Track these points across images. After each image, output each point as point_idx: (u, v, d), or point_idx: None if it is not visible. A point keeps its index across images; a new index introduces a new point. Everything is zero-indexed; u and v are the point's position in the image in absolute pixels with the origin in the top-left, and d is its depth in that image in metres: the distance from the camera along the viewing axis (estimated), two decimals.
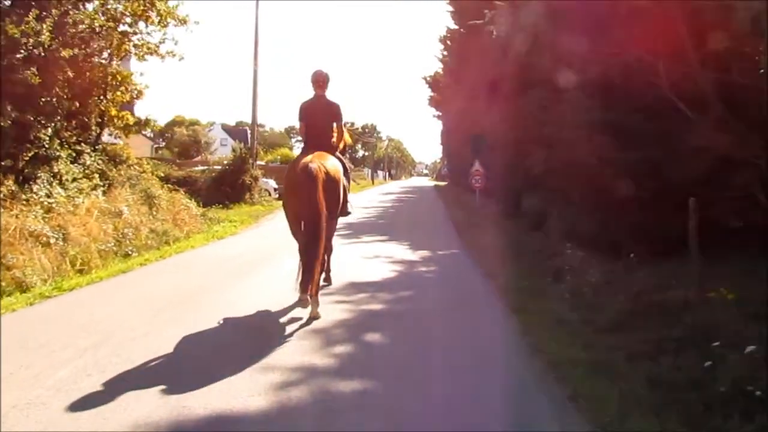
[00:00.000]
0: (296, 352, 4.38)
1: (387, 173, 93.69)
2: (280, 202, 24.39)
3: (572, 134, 9.39)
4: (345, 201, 6.07)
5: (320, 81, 6.17)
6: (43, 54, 8.05)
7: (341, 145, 6.54)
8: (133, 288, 6.73)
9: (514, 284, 7.23)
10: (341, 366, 4.10)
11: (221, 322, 5.17)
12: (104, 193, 10.82)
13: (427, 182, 77.63)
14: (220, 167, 20.86)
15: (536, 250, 10.35)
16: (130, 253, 9.58)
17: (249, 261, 8.63)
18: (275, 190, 25.70)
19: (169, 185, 14.13)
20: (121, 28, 12.20)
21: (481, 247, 10.57)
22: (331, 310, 5.68)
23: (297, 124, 6.64)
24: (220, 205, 18.25)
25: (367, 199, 26.81)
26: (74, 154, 10.29)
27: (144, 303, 5.85)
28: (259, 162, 29.52)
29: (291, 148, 73.37)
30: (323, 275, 6.20)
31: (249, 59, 21.13)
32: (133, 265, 8.28)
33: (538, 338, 4.89)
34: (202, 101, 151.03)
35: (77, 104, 9.93)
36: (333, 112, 6.24)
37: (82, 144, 10.78)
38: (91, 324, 5.02)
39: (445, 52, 31.12)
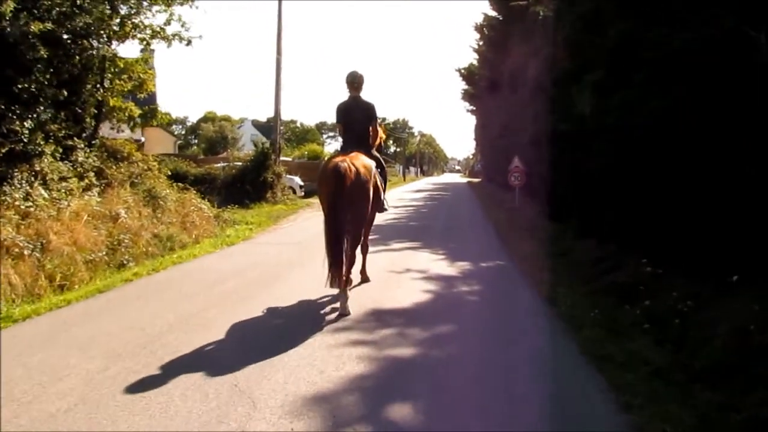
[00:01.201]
0: None
1: (419, 169, 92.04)
2: (305, 201, 23.02)
3: (646, 122, 7.73)
4: (379, 198, 6.23)
5: (355, 82, 6.33)
6: (7, 29, 6.74)
7: (377, 143, 6.76)
8: (97, 318, 5.33)
9: (581, 313, 5.66)
10: None
11: (185, 384, 3.72)
12: (100, 193, 9.56)
13: (460, 179, 75.61)
14: (241, 164, 19.55)
15: (593, 261, 8.72)
16: (125, 263, 8.31)
17: (250, 279, 7.17)
18: (301, 187, 24.37)
19: (180, 184, 12.85)
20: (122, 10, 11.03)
21: (529, 257, 8.98)
22: (345, 358, 4.19)
23: (328, 119, 7.40)
24: (239, 205, 16.96)
25: (397, 197, 25.22)
26: (62, 150, 9.01)
27: (98, 346, 4.43)
28: (284, 158, 28.29)
29: (322, 144, 72.57)
30: (360, 275, 6.65)
31: (293, 53, 19.76)
32: (115, 282, 6.93)
33: (642, 415, 3.33)
34: (234, 98, 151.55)
35: (65, 92, 8.63)
36: (368, 112, 6.40)
37: (75, 139, 9.50)
38: (8, 384, 3.62)
39: (481, 42, 29.35)
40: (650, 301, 6.15)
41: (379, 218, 7.18)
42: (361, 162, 5.72)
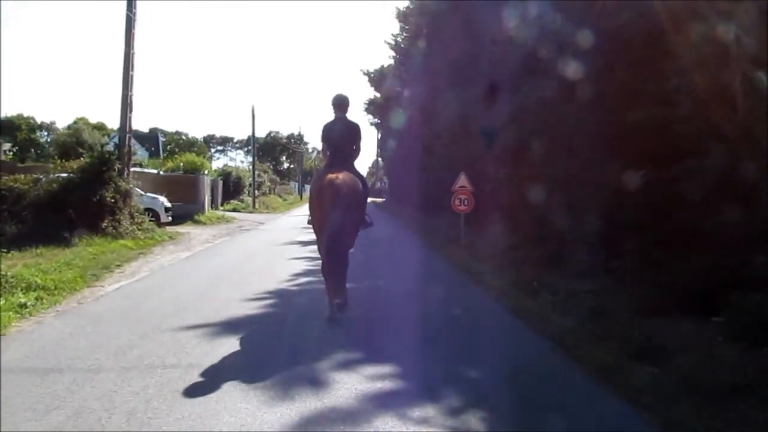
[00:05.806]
0: None
1: None
2: (169, 232, 15.80)
3: None
4: (363, 214, 6.57)
5: (342, 104, 6.61)
6: None
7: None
8: None
9: None
10: None
11: None
12: None
13: None
14: (66, 175, 12.87)
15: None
16: None
17: None
18: (167, 210, 17.84)
19: None
20: None
21: (664, 417, 3.62)
22: None
23: (217, 132, 4.37)
24: (51, 243, 10.47)
25: (300, 226, 18.57)
26: None
27: None
28: (148, 170, 21.62)
29: (208, 157, 64.78)
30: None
31: (179, 61, 13.59)
32: None
33: None
34: (111, 106, 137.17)
35: None
36: (354, 132, 6.65)
37: None
38: None
39: (403, 35, 24.32)
40: None
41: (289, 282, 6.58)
42: (350, 176, 6.11)
